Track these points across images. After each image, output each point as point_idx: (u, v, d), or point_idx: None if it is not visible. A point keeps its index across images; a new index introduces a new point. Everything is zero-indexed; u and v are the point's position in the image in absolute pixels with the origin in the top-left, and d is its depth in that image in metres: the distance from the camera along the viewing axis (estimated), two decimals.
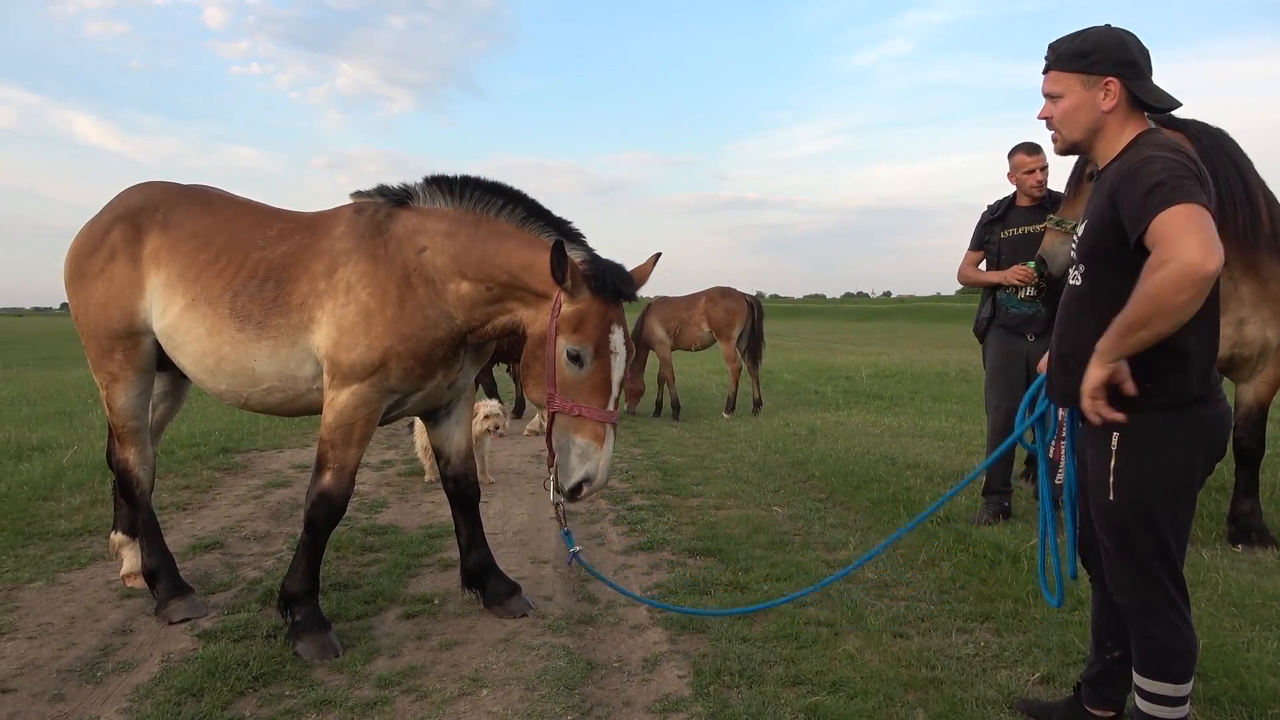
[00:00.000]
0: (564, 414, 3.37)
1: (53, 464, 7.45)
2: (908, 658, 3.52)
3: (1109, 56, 2.45)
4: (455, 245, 3.62)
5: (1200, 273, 2.12)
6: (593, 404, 3.36)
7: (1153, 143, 2.41)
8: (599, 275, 3.41)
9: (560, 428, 3.40)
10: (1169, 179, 2.24)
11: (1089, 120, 2.50)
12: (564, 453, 3.38)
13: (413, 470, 7.69)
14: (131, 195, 4.18)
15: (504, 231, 3.61)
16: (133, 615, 4.14)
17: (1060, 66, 2.52)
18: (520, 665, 3.55)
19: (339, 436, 3.66)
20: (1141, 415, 2.42)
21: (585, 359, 3.36)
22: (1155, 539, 2.45)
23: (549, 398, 3.40)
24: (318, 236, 3.81)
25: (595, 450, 3.34)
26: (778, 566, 4.68)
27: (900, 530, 3.50)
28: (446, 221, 3.67)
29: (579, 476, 3.36)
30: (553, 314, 3.41)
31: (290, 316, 3.71)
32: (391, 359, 3.59)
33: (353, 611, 4.13)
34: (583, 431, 3.35)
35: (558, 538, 5.46)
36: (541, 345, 3.45)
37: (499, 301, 3.64)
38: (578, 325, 3.37)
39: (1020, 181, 5.50)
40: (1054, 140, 2.62)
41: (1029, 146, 5.48)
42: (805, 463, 7.74)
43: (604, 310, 3.39)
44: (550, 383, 3.39)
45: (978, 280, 5.66)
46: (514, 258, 3.55)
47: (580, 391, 3.37)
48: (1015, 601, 4.08)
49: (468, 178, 3.73)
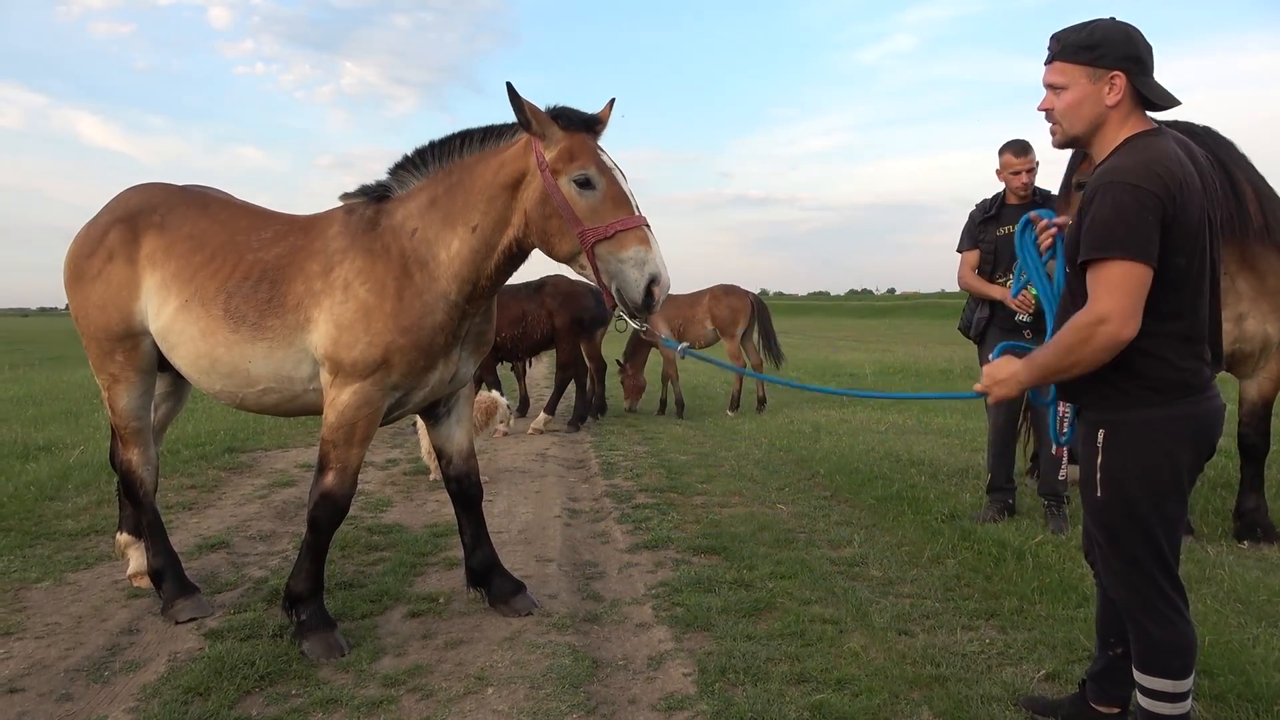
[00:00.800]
0: (603, 239, 3.32)
1: (59, 464, 7.48)
2: (913, 655, 3.52)
3: (1116, 50, 2.43)
4: (440, 208, 3.67)
5: (1116, 340, 2.30)
6: (621, 215, 3.35)
7: (1134, 149, 2.40)
8: (561, 113, 3.47)
9: (604, 256, 3.33)
10: (1120, 223, 2.28)
11: (1092, 114, 2.48)
12: (620, 274, 3.32)
13: (417, 469, 7.70)
14: (129, 197, 4.18)
15: (470, 164, 3.68)
16: (139, 615, 4.16)
17: (1066, 58, 2.49)
18: (525, 664, 3.56)
19: (341, 436, 3.66)
20: (1127, 411, 2.43)
21: (594, 179, 3.38)
22: (1144, 535, 2.45)
23: (581, 235, 3.34)
24: (312, 237, 3.83)
25: (646, 252, 3.31)
26: (782, 564, 4.68)
27: (937, 394, 3.31)
28: (425, 193, 3.73)
29: (646, 280, 3.29)
30: (540, 167, 3.43)
31: (286, 317, 3.72)
32: (394, 354, 3.59)
33: (358, 610, 4.14)
34: (627, 244, 3.31)
35: (563, 536, 5.48)
36: (546, 202, 3.43)
37: (495, 229, 3.61)
38: (570, 155, 3.40)
39: (1007, 181, 5.49)
40: (1053, 133, 2.59)
41: (1017, 146, 5.43)
42: (809, 460, 7.74)
43: (583, 138, 3.45)
44: (574, 222, 3.36)
45: (982, 292, 5.53)
46: (486, 172, 3.61)
47: (605, 211, 3.36)
48: (1020, 599, 4.08)
49: (421, 147, 3.80)
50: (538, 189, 3.47)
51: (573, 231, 3.38)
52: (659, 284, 3.30)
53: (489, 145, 3.68)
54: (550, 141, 3.44)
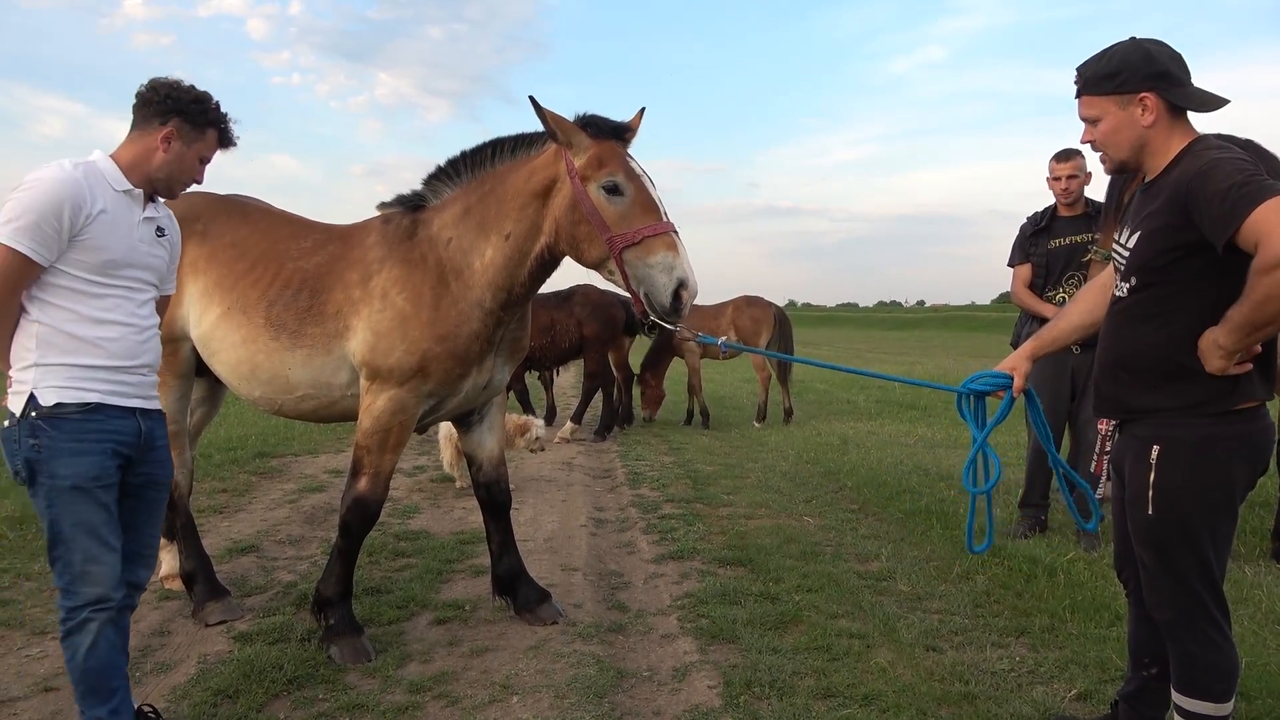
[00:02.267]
0: (631, 244, 3.35)
1: None
2: (941, 672, 3.48)
3: (1138, 72, 2.40)
4: (474, 217, 3.72)
5: None
6: (649, 221, 3.37)
7: (1209, 146, 2.36)
8: (590, 121, 3.51)
9: (632, 262, 3.35)
10: (1246, 179, 2.19)
11: (1132, 138, 2.45)
12: (648, 279, 3.34)
13: (445, 476, 7.75)
14: (173, 206, 4.26)
15: (503, 173, 3.74)
16: (170, 617, 4.21)
17: (1090, 91, 2.49)
18: (550, 673, 3.56)
19: (375, 442, 3.70)
20: (1184, 428, 2.38)
21: (623, 186, 3.41)
22: (1195, 554, 2.40)
23: (610, 241, 3.38)
24: (350, 246, 3.89)
25: (674, 258, 3.32)
26: (809, 577, 4.65)
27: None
28: (459, 203, 3.79)
29: (674, 285, 3.31)
30: (570, 174, 3.47)
31: (325, 325, 3.77)
32: (430, 361, 3.64)
33: (385, 616, 4.17)
34: (655, 250, 3.33)
35: (589, 545, 5.48)
36: (575, 208, 3.47)
37: (527, 236, 3.65)
38: (599, 163, 3.44)
39: (1051, 188, 5.40)
40: (1102, 161, 2.58)
41: (1060, 153, 5.35)
42: (837, 473, 7.69)
43: (612, 146, 3.49)
44: (603, 228, 3.39)
45: (1036, 310, 5.34)
46: (517, 181, 3.66)
47: (633, 217, 3.39)
48: (1051, 616, 4.02)
49: (454, 157, 3.87)
50: (567, 196, 3.50)
51: (601, 237, 3.40)
52: (687, 289, 3.32)
53: (520, 154, 3.73)
54: (579, 149, 3.48)
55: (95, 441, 2.62)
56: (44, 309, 2.59)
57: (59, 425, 2.57)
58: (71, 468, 2.57)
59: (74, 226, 2.55)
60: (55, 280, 2.58)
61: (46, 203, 2.50)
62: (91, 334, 2.63)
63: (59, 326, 2.59)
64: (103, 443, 2.63)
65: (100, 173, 2.68)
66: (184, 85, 2.82)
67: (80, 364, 2.61)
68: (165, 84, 2.81)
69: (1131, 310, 2.50)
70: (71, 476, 2.57)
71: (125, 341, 2.70)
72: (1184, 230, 2.32)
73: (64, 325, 2.60)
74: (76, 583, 2.61)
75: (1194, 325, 2.36)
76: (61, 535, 2.60)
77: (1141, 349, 2.44)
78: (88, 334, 2.62)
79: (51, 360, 2.59)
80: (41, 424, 2.57)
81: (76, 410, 2.59)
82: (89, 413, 2.61)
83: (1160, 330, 2.40)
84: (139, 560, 2.85)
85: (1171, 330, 2.39)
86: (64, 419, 2.58)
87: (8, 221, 2.49)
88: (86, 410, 2.61)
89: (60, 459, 2.57)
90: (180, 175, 2.84)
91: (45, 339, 2.59)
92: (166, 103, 2.77)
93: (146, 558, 2.89)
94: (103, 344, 2.64)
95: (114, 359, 2.66)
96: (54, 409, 2.57)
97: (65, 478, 2.57)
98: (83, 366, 2.61)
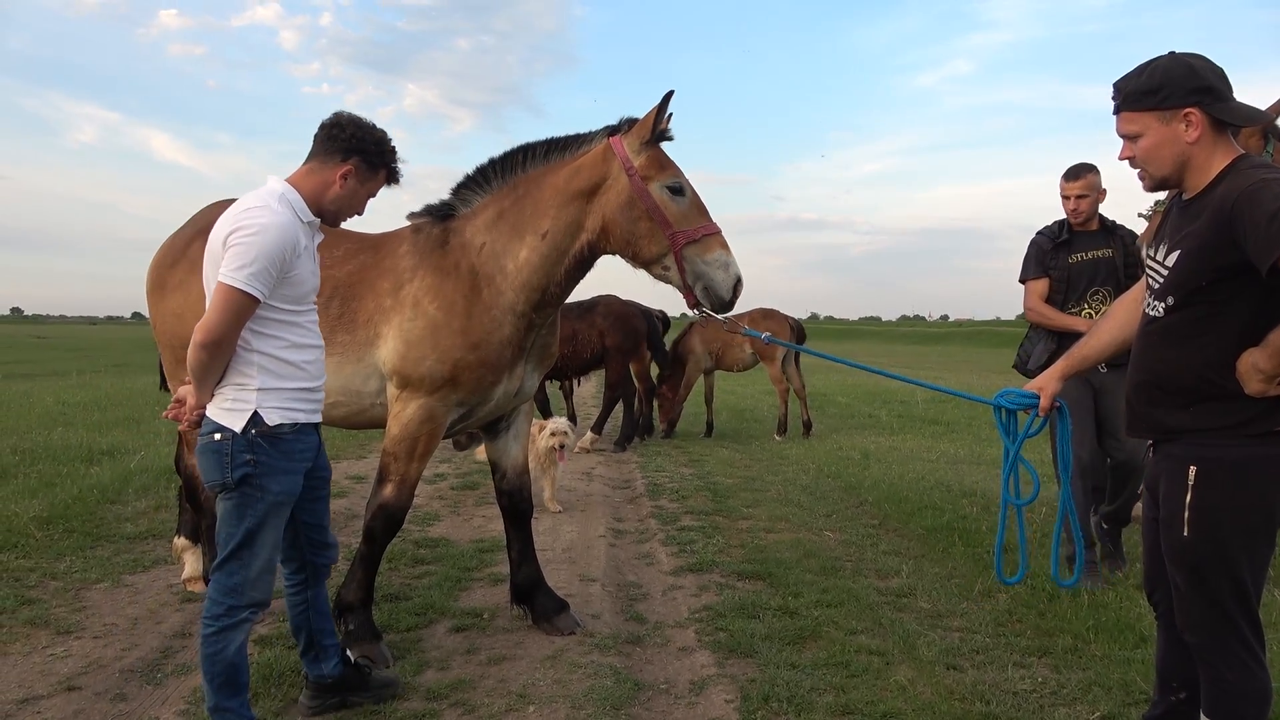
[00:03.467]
0: (692, 241, 3.56)
1: (121, 468, 7.69)
2: (961, 691, 3.44)
3: (1181, 87, 2.35)
4: (508, 220, 3.79)
5: None
6: (704, 222, 3.62)
7: (1254, 165, 2.31)
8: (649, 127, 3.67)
9: (691, 258, 3.56)
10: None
11: (1175, 155, 2.39)
12: (706, 275, 3.56)
13: (465, 484, 7.78)
14: (213, 211, 4.33)
15: (536, 176, 3.81)
16: (192, 619, 4.24)
17: (1131, 106, 2.42)
18: (567, 683, 3.55)
19: (403, 449, 3.72)
20: (1224, 449, 2.34)
21: (684, 187, 3.63)
22: (1231, 577, 2.36)
23: (672, 237, 3.56)
24: (381, 255, 3.93)
25: (728, 255, 3.58)
26: (829, 592, 4.62)
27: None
28: (491, 208, 3.84)
29: (733, 281, 3.57)
30: (630, 172, 3.61)
31: (356, 333, 3.81)
32: (462, 370, 3.67)
33: (403, 623, 4.18)
34: (712, 248, 3.57)
35: (607, 556, 5.47)
36: (633, 205, 3.62)
37: (566, 234, 3.73)
38: (660, 165, 3.64)
39: (1063, 207, 5.16)
40: (1141, 178, 2.52)
41: (1070, 171, 5.11)
42: (858, 487, 7.64)
43: (662, 150, 3.70)
44: (665, 225, 3.57)
45: (1061, 324, 5.03)
46: (556, 180, 3.75)
47: (693, 216, 3.61)
48: (1075, 637, 3.97)
49: (482, 165, 3.93)
50: (623, 193, 3.62)
51: (664, 234, 3.57)
52: (741, 284, 3.60)
53: (553, 157, 3.80)
54: (633, 150, 3.64)
55: (299, 460, 2.92)
56: (259, 339, 2.83)
57: (276, 444, 2.83)
58: (281, 485, 2.85)
59: (287, 266, 2.79)
60: (267, 314, 2.81)
61: (274, 249, 2.73)
62: (299, 359, 2.90)
63: (274, 354, 2.84)
64: (302, 461, 2.93)
65: (293, 207, 2.89)
66: (366, 124, 3.02)
67: (292, 388, 2.88)
68: (351, 122, 3.00)
69: (1168, 330, 2.44)
70: (280, 493, 2.85)
71: (318, 363, 3.00)
72: (1227, 251, 2.27)
73: (277, 352, 2.85)
74: (247, 586, 2.84)
75: (1233, 346, 2.31)
76: (253, 544, 2.84)
77: (1178, 369, 2.39)
78: (296, 359, 2.89)
79: (271, 384, 2.84)
80: (261, 441, 2.80)
81: (290, 430, 2.87)
82: (298, 432, 2.90)
83: (1198, 351, 2.35)
84: (329, 546, 3.22)
85: (1210, 351, 2.35)
86: (281, 439, 2.84)
87: (241, 267, 2.70)
88: (296, 431, 2.89)
89: (274, 476, 2.83)
90: (348, 210, 3.06)
91: (263, 365, 2.83)
92: (351, 141, 2.96)
93: (334, 542, 3.25)
94: (305, 367, 2.92)
95: (311, 380, 2.95)
96: (275, 429, 2.82)
97: (275, 494, 2.84)
98: (293, 390, 2.89)
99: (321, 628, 3.24)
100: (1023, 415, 2.91)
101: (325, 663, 3.23)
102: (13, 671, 3.59)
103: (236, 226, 2.75)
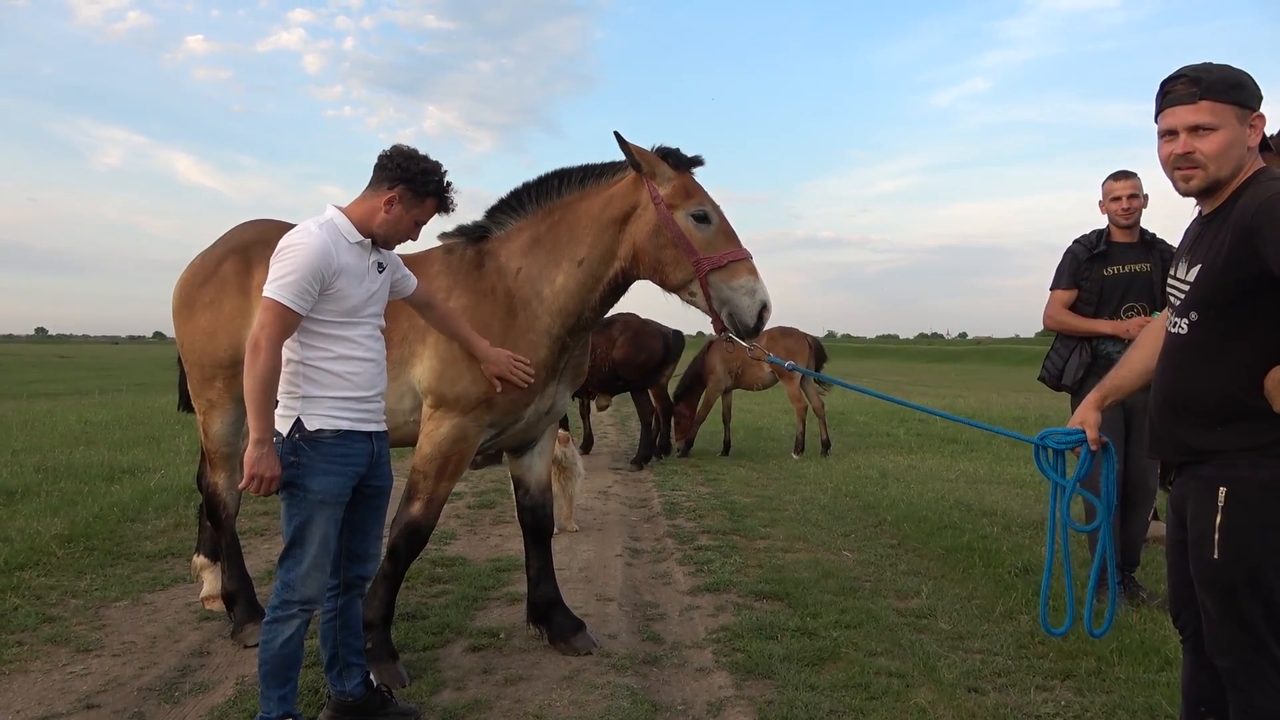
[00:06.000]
0: (717, 268, 3.56)
1: (141, 487, 7.76)
2: (983, 714, 3.39)
3: (1256, 92, 2.32)
4: (544, 246, 3.82)
5: None
6: (731, 248, 3.61)
7: (1274, 177, 2.28)
8: (670, 154, 3.70)
9: (717, 284, 3.56)
10: None
11: (1238, 157, 2.32)
12: (732, 301, 3.56)
13: (482, 502, 7.78)
14: (244, 231, 4.38)
15: (571, 202, 3.84)
16: (210, 638, 4.26)
17: (1216, 96, 2.31)
18: (583, 704, 3.53)
19: (433, 468, 3.74)
20: (1255, 469, 2.30)
21: (710, 214, 3.63)
22: (1262, 600, 2.31)
23: (697, 264, 3.57)
24: (416, 275, 3.94)
25: (755, 282, 3.57)
26: (847, 613, 4.57)
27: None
28: (526, 233, 3.88)
29: (758, 307, 3.56)
30: (655, 201, 3.63)
31: (391, 351, 3.83)
32: (497, 392, 3.68)
33: (420, 642, 4.18)
34: (739, 274, 3.57)
35: (624, 575, 5.45)
36: (660, 233, 3.64)
37: (601, 261, 3.75)
38: (686, 193, 3.65)
39: (1109, 210, 5.03)
40: (1188, 178, 2.37)
41: (1118, 173, 5.03)
42: (876, 507, 7.58)
43: (691, 177, 3.72)
44: (690, 252, 3.58)
45: (1083, 329, 4.91)
46: (592, 208, 3.78)
47: (718, 243, 3.62)
48: (1098, 659, 3.91)
49: (517, 189, 3.96)
50: (650, 222, 3.64)
51: (688, 261, 3.58)
52: (768, 310, 3.59)
53: (589, 184, 3.84)
54: (662, 179, 3.65)
55: (342, 464, 3.06)
56: (306, 350, 3.05)
57: (317, 448, 3.01)
58: (322, 485, 3.01)
59: (325, 282, 2.98)
60: (312, 326, 3.03)
61: (306, 264, 2.93)
62: (343, 369, 3.07)
63: (317, 364, 3.04)
64: (347, 466, 3.08)
65: (338, 230, 3.09)
66: (417, 156, 3.20)
67: (335, 396, 3.05)
68: (401, 153, 3.19)
69: (1191, 347, 2.40)
70: (321, 492, 3.01)
71: (368, 374, 3.13)
72: (1248, 263, 2.22)
73: (321, 363, 3.04)
74: (298, 582, 3.02)
75: (1260, 363, 2.26)
76: (302, 540, 3.03)
77: (1204, 388, 2.34)
78: (340, 369, 3.06)
79: (314, 393, 3.03)
80: (303, 445, 3.00)
81: (331, 435, 3.03)
82: (340, 438, 3.05)
83: (1223, 369, 2.31)
84: (367, 558, 3.32)
85: (1236, 369, 2.30)
86: (321, 442, 3.02)
87: (275, 280, 2.94)
88: (339, 436, 3.05)
89: (315, 476, 3.00)
90: (396, 235, 3.23)
91: (307, 375, 3.04)
92: (397, 171, 3.16)
93: (374, 555, 3.35)
94: (351, 377, 3.08)
95: (359, 390, 3.10)
96: (315, 434, 3.01)
97: (316, 493, 3.01)
98: (337, 399, 3.05)
99: (349, 643, 3.28)
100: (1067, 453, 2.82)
101: (349, 680, 3.27)
102: (33, 689, 3.61)
103: (280, 248, 3.02)
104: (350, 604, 3.28)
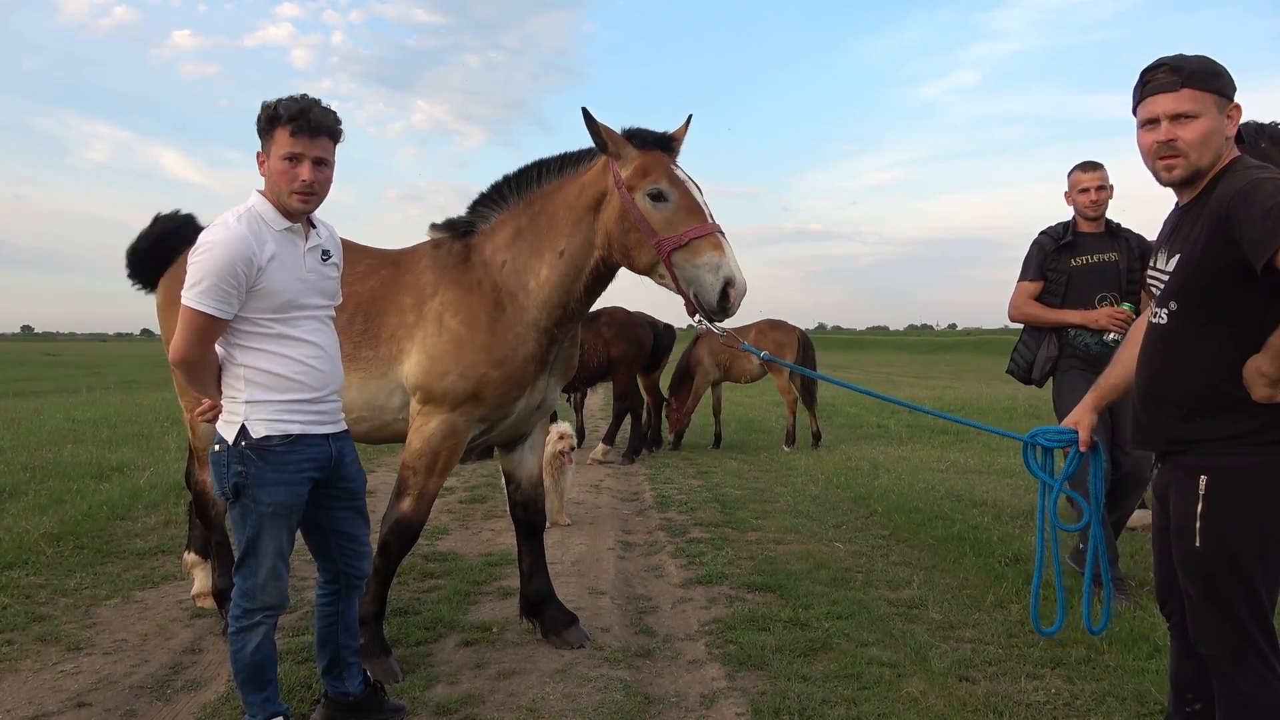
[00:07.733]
0: (678, 247, 3.39)
1: (130, 484, 7.72)
2: (974, 703, 3.42)
3: (1233, 83, 2.34)
4: (527, 238, 3.78)
5: None
6: (694, 224, 3.42)
7: (1249, 165, 2.30)
8: (635, 133, 3.58)
9: (680, 264, 3.40)
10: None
11: (1218, 145, 2.34)
12: (695, 280, 3.36)
13: (473, 497, 7.78)
14: None
15: (550, 192, 3.80)
16: (201, 635, 4.25)
17: (1198, 85, 2.33)
18: (577, 697, 3.54)
19: (423, 464, 3.73)
20: (1234, 457, 2.32)
21: (666, 193, 3.47)
22: (1245, 588, 2.33)
23: (658, 245, 3.42)
24: (402, 271, 3.95)
25: (720, 257, 3.35)
26: (839, 604, 4.59)
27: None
28: (509, 226, 3.84)
29: (721, 283, 3.33)
30: (617, 184, 3.53)
31: (380, 349, 3.82)
32: (486, 386, 3.68)
33: (413, 637, 4.17)
34: (700, 251, 3.37)
35: (616, 568, 5.46)
36: (624, 217, 3.53)
37: (582, 251, 3.69)
38: (643, 172, 3.50)
39: (1075, 202, 5.03)
40: (1170, 167, 2.39)
41: (1085, 163, 5.02)
42: (867, 498, 7.61)
43: (656, 155, 3.55)
44: (650, 233, 3.45)
45: (1050, 320, 4.94)
46: (568, 197, 3.73)
47: (679, 221, 3.44)
48: (1088, 648, 3.93)
49: (498, 181, 3.93)
50: (616, 206, 3.57)
51: (650, 242, 3.46)
52: (734, 286, 3.35)
53: (566, 172, 3.79)
54: (625, 160, 3.56)
55: (294, 472, 2.90)
56: (245, 353, 2.86)
57: (265, 456, 2.85)
58: (273, 496, 2.87)
59: (249, 279, 2.77)
60: (246, 327, 2.84)
61: (222, 264, 2.72)
62: (288, 370, 2.89)
63: (260, 366, 2.86)
64: (300, 472, 2.92)
65: (259, 218, 2.87)
66: (266, 104, 2.90)
67: (282, 399, 2.88)
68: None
69: (1171, 337, 2.42)
70: (272, 504, 2.87)
71: (316, 372, 2.95)
72: (1226, 251, 2.24)
73: (264, 365, 2.86)
74: (257, 591, 2.92)
75: (1238, 353, 2.29)
76: (255, 551, 2.90)
77: (1184, 378, 2.36)
78: (284, 370, 2.88)
79: (259, 397, 2.86)
80: (250, 453, 2.84)
81: (280, 442, 2.87)
82: (291, 444, 2.89)
83: (1204, 358, 2.33)
84: (358, 555, 3.20)
85: (1215, 358, 2.32)
86: (270, 450, 2.86)
87: (191, 286, 2.74)
88: (288, 442, 2.88)
89: (264, 487, 2.86)
90: (282, 186, 2.86)
91: (250, 379, 2.86)
92: (257, 128, 2.91)
93: (363, 552, 3.23)
94: (299, 377, 2.90)
95: (309, 390, 2.93)
96: (262, 441, 2.85)
97: (267, 504, 2.87)
98: (284, 402, 2.88)
99: (348, 644, 3.24)
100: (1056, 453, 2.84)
101: (349, 680, 3.23)
102: (23, 688, 3.59)
103: (195, 247, 2.80)
104: (349, 607, 3.23)
